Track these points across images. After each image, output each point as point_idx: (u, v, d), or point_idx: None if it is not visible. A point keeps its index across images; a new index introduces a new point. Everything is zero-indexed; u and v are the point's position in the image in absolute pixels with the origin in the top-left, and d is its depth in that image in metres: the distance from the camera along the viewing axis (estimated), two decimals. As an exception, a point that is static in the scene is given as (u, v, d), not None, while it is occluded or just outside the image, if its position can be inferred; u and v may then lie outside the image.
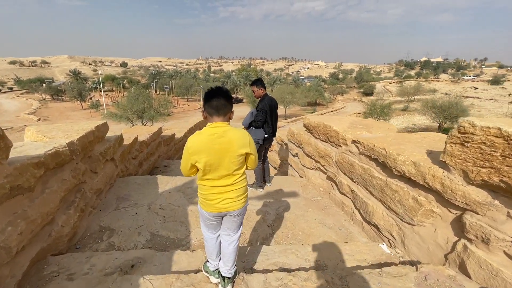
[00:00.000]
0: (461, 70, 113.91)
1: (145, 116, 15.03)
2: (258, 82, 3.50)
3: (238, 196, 1.52)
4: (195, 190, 3.42)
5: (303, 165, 4.01)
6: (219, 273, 1.65)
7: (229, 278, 1.60)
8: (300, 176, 4.16)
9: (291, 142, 4.40)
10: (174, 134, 7.48)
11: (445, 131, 21.30)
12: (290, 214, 2.97)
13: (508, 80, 65.79)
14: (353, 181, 2.80)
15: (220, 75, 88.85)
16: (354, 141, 2.72)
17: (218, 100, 1.42)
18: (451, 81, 71.73)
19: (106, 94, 48.16)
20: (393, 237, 2.22)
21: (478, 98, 37.11)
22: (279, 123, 3.69)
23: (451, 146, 1.69)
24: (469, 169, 1.58)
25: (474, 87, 49.29)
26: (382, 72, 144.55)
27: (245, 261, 1.96)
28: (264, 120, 3.33)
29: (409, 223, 2.05)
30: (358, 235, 2.65)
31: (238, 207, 1.53)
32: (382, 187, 2.30)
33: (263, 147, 3.51)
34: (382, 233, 2.36)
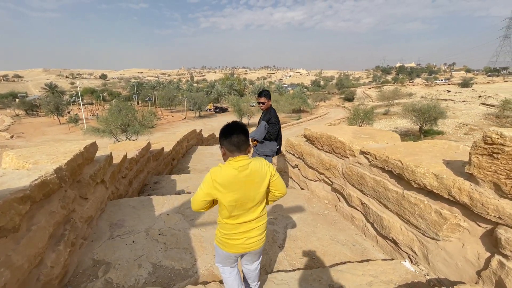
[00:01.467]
0: (433, 75, 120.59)
1: (129, 130, 14.46)
2: (267, 92, 3.43)
3: (261, 233, 1.52)
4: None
5: (305, 177, 3.89)
6: None
7: None
8: (302, 188, 4.04)
9: (290, 153, 4.29)
10: (163, 148, 7.18)
11: (426, 133, 22.18)
12: (300, 231, 2.81)
13: (476, 83, 70.34)
14: (364, 194, 2.71)
15: (204, 85, 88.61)
16: (363, 153, 2.64)
17: (238, 137, 1.39)
18: (425, 85, 75.61)
19: (86, 108, 46.52)
20: (414, 253, 2.12)
21: (452, 100, 39.17)
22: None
23: (477, 157, 1.62)
24: (502, 181, 1.51)
25: (448, 90, 52.13)
26: (360, 78, 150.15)
27: (266, 293, 1.77)
28: (278, 133, 3.29)
29: (433, 238, 1.96)
30: (373, 250, 2.54)
31: (261, 245, 1.53)
32: (399, 200, 2.21)
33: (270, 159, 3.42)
34: (401, 248, 2.25)
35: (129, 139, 14.81)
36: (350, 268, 2.00)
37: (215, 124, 39.07)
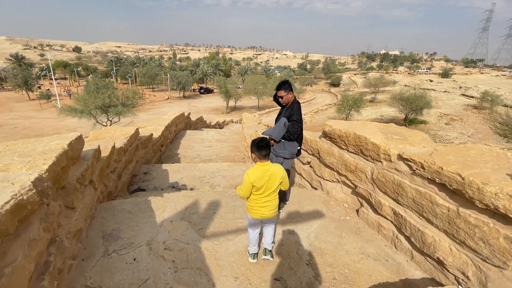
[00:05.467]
0: (415, 63, 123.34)
1: (111, 111, 13.34)
2: (286, 85, 2.92)
3: (273, 209, 2.12)
4: (202, 216, 2.80)
5: (319, 176, 3.56)
6: (255, 255, 2.24)
7: (269, 250, 2.27)
8: (314, 187, 3.73)
9: (302, 148, 3.92)
10: (151, 135, 6.57)
11: (411, 122, 22.69)
12: (326, 243, 2.51)
13: (455, 73, 72.80)
14: (399, 204, 2.42)
15: (188, 63, 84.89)
16: (404, 159, 2.31)
17: (266, 150, 2.07)
18: (408, 73, 77.21)
19: (58, 83, 43.10)
20: (467, 278, 1.88)
21: (434, 90, 40.28)
22: (252, 114, 3.20)
23: None
24: None
25: (430, 80, 53.51)
26: (346, 63, 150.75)
27: None
28: (299, 132, 2.84)
29: (497, 266, 1.70)
30: (408, 267, 2.30)
31: (273, 215, 2.15)
32: (451, 218, 1.94)
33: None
34: (447, 270, 2.01)
35: (111, 121, 13.76)
36: (402, 300, 1.72)
37: (200, 106, 37.78)
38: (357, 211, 3.01)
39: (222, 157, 7.33)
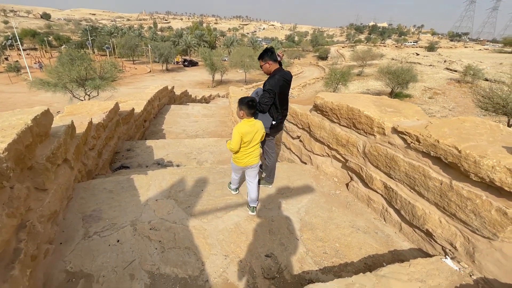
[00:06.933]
0: (402, 36, 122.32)
1: (88, 85, 12.40)
2: (264, 54, 2.70)
3: (255, 156, 2.41)
4: (189, 194, 2.69)
5: (309, 150, 3.49)
6: (237, 188, 2.77)
7: (255, 207, 2.51)
8: (303, 162, 3.67)
9: (291, 123, 3.80)
10: (133, 110, 6.21)
11: (396, 96, 22.92)
12: (316, 218, 2.49)
13: (441, 47, 73.11)
14: (390, 177, 2.39)
15: (170, 33, 79.89)
16: (399, 132, 2.24)
17: (254, 109, 2.32)
18: (396, 46, 76.71)
19: (28, 54, 39.75)
20: (454, 248, 1.91)
21: (420, 64, 40.46)
22: (239, 88, 2.99)
23: None
24: None
25: (416, 53, 53.54)
26: (334, 35, 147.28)
27: (308, 317, 1.43)
28: (272, 103, 2.62)
29: (487, 238, 1.72)
30: (397, 238, 2.33)
31: (256, 162, 2.43)
32: (444, 192, 1.92)
33: (272, 137, 2.87)
34: (435, 241, 2.04)
35: (89, 96, 12.88)
36: (393, 272, 1.73)
37: (185, 79, 36.30)
38: (347, 185, 2.99)
39: (209, 132, 7.12)
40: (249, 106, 2.27)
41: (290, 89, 3.13)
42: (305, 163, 3.62)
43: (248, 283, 1.78)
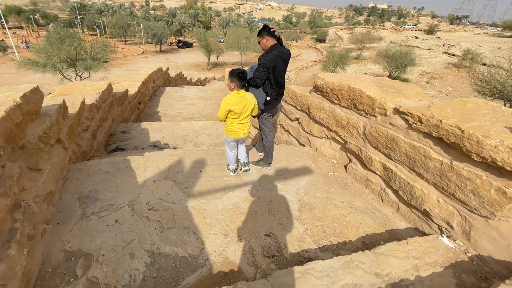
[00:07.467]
0: (402, 19, 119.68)
1: (79, 65, 11.94)
2: (262, 30, 2.62)
3: (247, 129, 2.53)
4: (188, 175, 2.67)
5: (307, 132, 3.46)
6: (235, 170, 2.75)
7: (246, 162, 2.80)
8: (302, 144, 3.65)
9: (290, 104, 3.73)
10: (127, 91, 6.04)
11: (394, 79, 22.72)
12: (315, 198, 2.50)
13: (440, 31, 71.90)
14: (390, 159, 2.39)
15: (163, 12, 76.83)
16: (401, 113, 2.20)
17: (245, 81, 2.39)
18: (395, 29, 75.19)
19: (14, 33, 38.02)
20: (451, 227, 1.94)
21: (418, 47, 39.92)
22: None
23: None
24: None
25: (415, 37, 52.64)
26: (333, 17, 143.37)
27: (308, 293, 1.45)
28: (266, 78, 2.56)
29: (484, 217, 1.74)
30: (394, 218, 2.36)
31: (246, 135, 2.56)
32: (444, 172, 1.92)
33: (268, 115, 2.81)
34: (432, 220, 2.07)
35: (80, 77, 12.46)
36: (391, 250, 1.76)
37: (179, 61, 35.32)
38: (345, 167, 2.99)
39: (205, 115, 7.01)
40: (240, 77, 2.31)
41: (287, 73, 3.07)
42: (303, 145, 3.60)
43: (248, 261, 1.80)
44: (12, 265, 1.31)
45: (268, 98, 2.64)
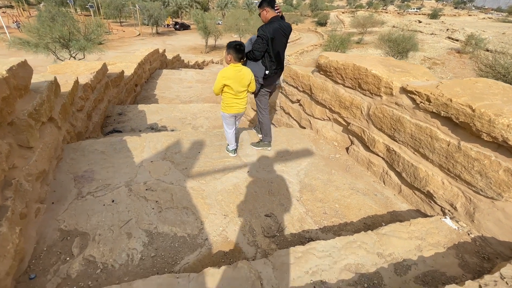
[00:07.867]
0: (405, 2, 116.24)
1: (72, 46, 11.55)
2: (263, 1, 2.50)
3: (244, 104, 2.48)
4: (186, 156, 2.60)
5: (309, 114, 3.37)
6: (234, 150, 2.70)
7: (235, 149, 2.71)
8: (302, 127, 3.57)
9: (291, 85, 3.61)
10: (123, 72, 5.85)
11: (395, 65, 22.33)
12: (316, 180, 2.46)
13: (444, 15, 70.10)
14: (394, 140, 2.32)
15: (158, -8, 73.71)
16: (408, 92, 2.11)
17: (242, 54, 2.32)
18: (398, 13, 73.17)
19: (4, 13, 36.61)
20: (454, 208, 1.91)
21: (421, 32, 39.02)
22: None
23: None
24: None
25: (419, 21, 51.34)
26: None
27: (311, 272, 1.42)
28: (265, 51, 2.48)
29: (490, 198, 1.70)
30: (396, 200, 2.33)
31: (243, 110, 2.52)
32: (450, 153, 1.86)
33: (266, 91, 2.74)
34: (435, 202, 2.04)
35: (74, 58, 12.10)
36: (394, 231, 1.73)
37: (176, 44, 34.37)
38: (347, 149, 2.94)
39: (203, 98, 6.86)
40: (237, 50, 2.25)
41: (287, 56, 2.97)
42: (304, 128, 3.52)
43: (249, 241, 1.77)
44: (3, 243, 1.26)
45: (267, 72, 2.58)
